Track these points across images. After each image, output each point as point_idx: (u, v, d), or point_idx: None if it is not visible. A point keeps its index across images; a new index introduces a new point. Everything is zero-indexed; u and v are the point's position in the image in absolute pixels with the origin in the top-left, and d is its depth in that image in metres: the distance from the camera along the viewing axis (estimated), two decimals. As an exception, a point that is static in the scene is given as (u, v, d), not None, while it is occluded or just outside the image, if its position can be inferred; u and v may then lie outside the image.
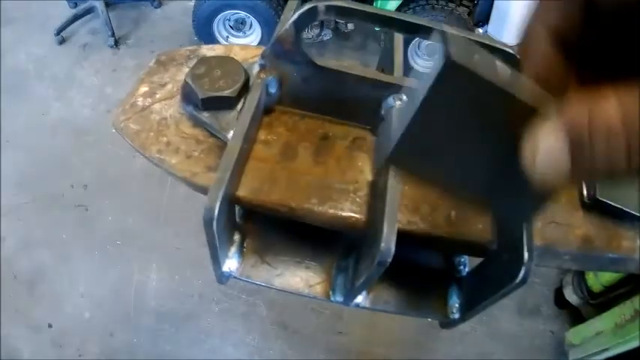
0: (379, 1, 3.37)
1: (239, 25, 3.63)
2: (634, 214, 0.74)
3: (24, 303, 2.68)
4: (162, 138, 0.74)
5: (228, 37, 3.68)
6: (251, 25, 3.62)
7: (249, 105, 0.65)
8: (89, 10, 3.95)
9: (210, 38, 3.62)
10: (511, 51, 0.63)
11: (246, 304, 2.72)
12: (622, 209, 0.74)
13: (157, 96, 0.79)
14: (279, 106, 0.75)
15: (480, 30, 4.38)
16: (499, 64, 0.33)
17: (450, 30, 0.58)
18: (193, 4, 3.53)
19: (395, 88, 0.69)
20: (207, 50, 0.85)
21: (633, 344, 2.21)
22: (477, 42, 0.61)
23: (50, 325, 2.63)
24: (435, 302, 0.76)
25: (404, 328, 2.68)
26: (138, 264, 2.82)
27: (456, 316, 0.74)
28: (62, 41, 3.89)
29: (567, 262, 0.75)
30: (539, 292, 2.95)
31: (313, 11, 0.60)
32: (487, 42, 0.63)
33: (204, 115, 0.71)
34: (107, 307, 2.70)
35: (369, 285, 0.70)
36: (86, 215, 3.00)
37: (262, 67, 0.69)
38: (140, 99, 0.79)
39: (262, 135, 0.72)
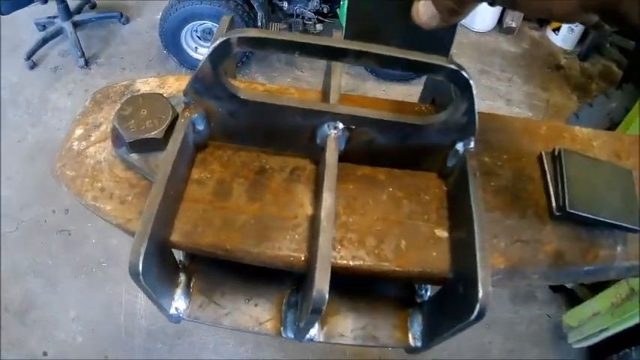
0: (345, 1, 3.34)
1: (207, 36, 3.59)
2: (609, 222, 0.70)
3: (17, 333, 2.66)
4: (97, 184, 0.71)
5: (197, 48, 3.65)
6: (219, 35, 3.56)
7: (172, 147, 0.62)
8: (58, 32, 3.92)
9: (178, 50, 3.59)
10: (453, 67, 0.58)
11: (236, 317, 2.69)
12: (595, 218, 0.70)
13: (92, 138, 0.76)
14: (212, 142, 0.72)
15: (452, 19, 4.36)
16: None
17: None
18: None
19: (329, 116, 0.65)
20: (142, 84, 0.82)
21: (631, 323, 2.21)
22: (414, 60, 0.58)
23: (45, 354, 2.62)
24: (396, 330, 0.73)
25: (398, 326, 2.65)
26: (125, 284, 2.80)
27: (419, 344, 0.71)
28: (33, 65, 3.85)
29: (538, 280, 0.71)
30: (532, 278, 2.93)
31: (226, 45, 0.56)
32: (426, 60, 0.58)
33: (134, 158, 0.68)
34: (99, 329, 2.69)
35: (311, 327, 0.67)
36: (70, 239, 2.97)
37: (187, 105, 0.66)
38: (75, 143, 0.76)
39: (196, 174, 0.69)
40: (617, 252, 0.72)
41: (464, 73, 0.58)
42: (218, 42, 0.56)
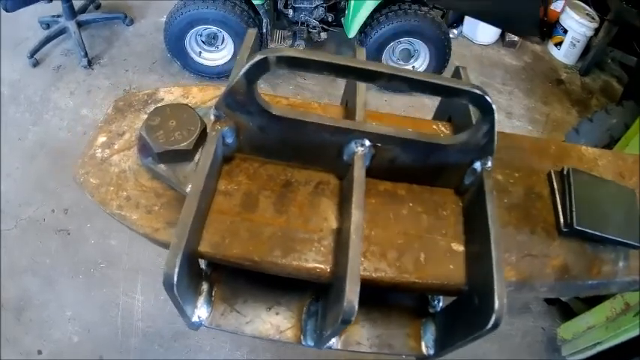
0: (353, 1, 3.33)
1: (211, 40, 3.57)
2: (613, 239, 0.73)
3: (12, 331, 2.64)
4: (122, 192, 0.72)
5: (200, 52, 3.64)
6: (223, 40, 3.57)
7: (204, 161, 0.64)
8: (61, 31, 3.90)
9: (182, 54, 3.58)
10: (478, 92, 0.60)
11: (234, 320, 2.69)
12: (600, 235, 0.73)
13: (116, 147, 0.77)
14: (239, 154, 0.73)
15: (455, 31, 4.37)
16: None
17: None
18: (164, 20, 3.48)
19: (357, 134, 0.67)
20: (165, 93, 0.83)
21: (625, 337, 2.23)
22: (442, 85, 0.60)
23: (40, 352, 2.60)
24: (410, 339, 0.75)
25: (394, 334, 2.65)
26: (123, 286, 2.79)
27: (431, 352, 0.74)
28: (36, 64, 3.83)
29: (544, 292, 0.74)
30: (528, 290, 2.94)
31: (263, 63, 0.58)
32: (453, 84, 0.61)
33: (162, 169, 0.69)
34: (95, 330, 2.67)
35: (335, 336, 0.69)
36: (68, 239, 2.96)
37: (217, 118, 0.67)
38: (99, 150, 0.77)
39: (223, 185, 0.71)
40: (619, 267, 0.75)
41: (488, 98, 0.61)
42: (256, 59, 0.57)
